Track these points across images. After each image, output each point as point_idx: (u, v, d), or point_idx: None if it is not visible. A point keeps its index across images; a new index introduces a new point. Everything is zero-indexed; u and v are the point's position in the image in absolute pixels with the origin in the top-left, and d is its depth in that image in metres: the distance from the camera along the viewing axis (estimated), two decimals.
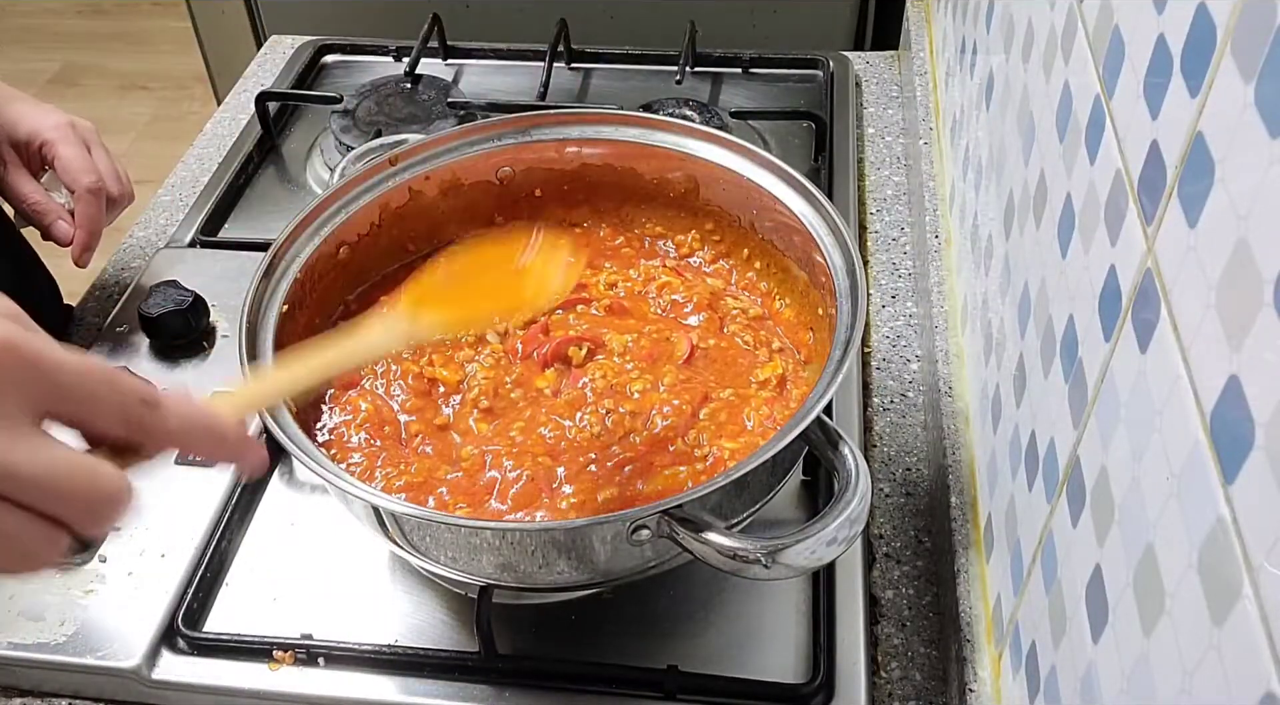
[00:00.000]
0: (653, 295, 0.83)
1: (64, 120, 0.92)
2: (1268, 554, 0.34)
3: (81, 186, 0.90)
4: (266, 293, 0.74)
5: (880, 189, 1.11)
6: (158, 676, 0.72)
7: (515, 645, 0.73)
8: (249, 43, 1.57)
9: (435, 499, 0.70)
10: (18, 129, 0.92)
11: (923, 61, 1.16)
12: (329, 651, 0.72)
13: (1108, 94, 0.54)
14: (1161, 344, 0.44)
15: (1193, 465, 0.40)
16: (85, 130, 0.94)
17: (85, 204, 0.90)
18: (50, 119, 0.92)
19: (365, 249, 0.83)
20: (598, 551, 0.64)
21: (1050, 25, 0.66)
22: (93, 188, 0.90)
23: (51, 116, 0.92)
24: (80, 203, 0.90)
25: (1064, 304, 0.58)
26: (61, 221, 0.91)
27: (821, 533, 0.59)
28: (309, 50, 1.30)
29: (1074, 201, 0.58)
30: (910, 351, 0.95)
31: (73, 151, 0.91)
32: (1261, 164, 0.36)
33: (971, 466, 0.78)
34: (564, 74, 1.26)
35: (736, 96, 1.22)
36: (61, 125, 0.92)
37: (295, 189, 1.12)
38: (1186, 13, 0.44)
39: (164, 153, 1.32)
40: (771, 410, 0.74)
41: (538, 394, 0.76)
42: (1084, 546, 0.52)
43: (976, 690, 0.66)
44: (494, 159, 0.86)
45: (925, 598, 0.77)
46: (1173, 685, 0.40)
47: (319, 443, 0.73)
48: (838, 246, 0.74)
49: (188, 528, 0.78)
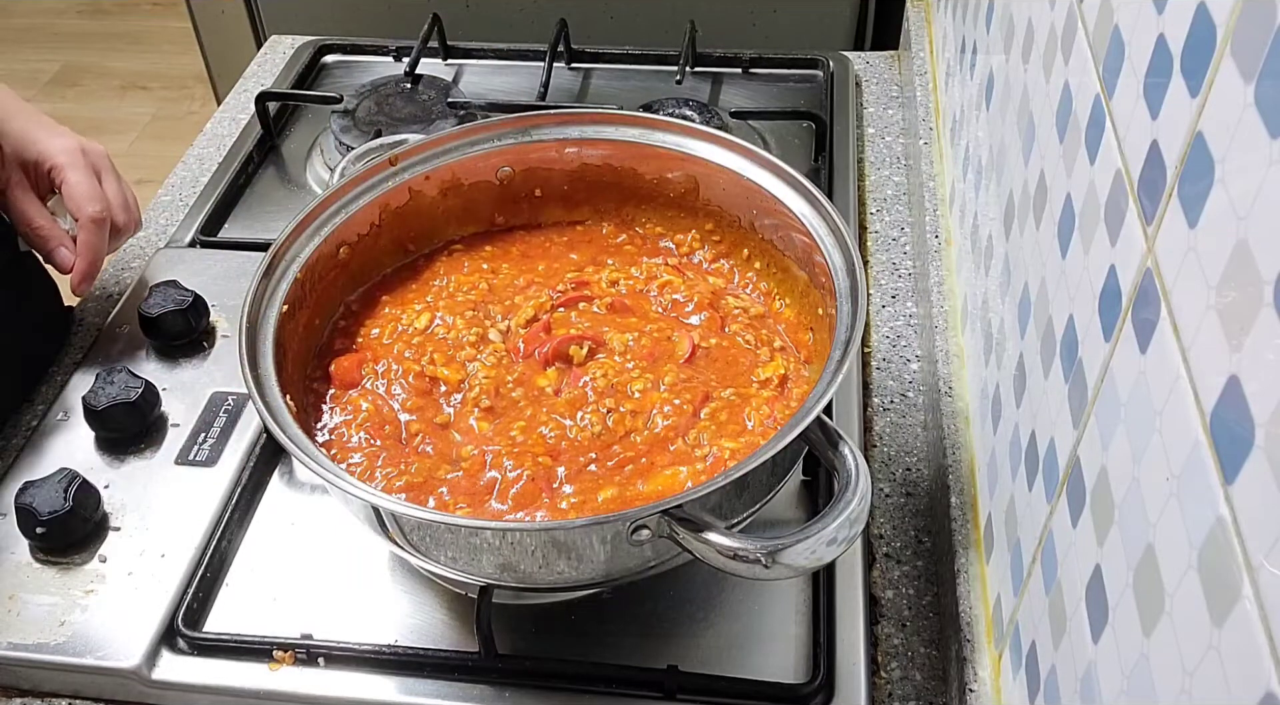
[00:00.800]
0: (654, 294, 0.83)
1: (75, 144, 0.90)
2: (1268, 554, 0.34)
3: (85, 215, 0.88)
4: (266, 293, 0.74)
5: (880, 189, 1.11)
6: (158, 676, 0.72)
7: (515, 645, 0.73)
8: (249, 43, 1.57)
9: (435, 499, 0.70)
10: (27, 150, 0.89)
11: (923, 61, 1.16)
12: (329, 651, 0.72)
13: (1108, 94, 0.54)
14: (1161, 344, 0.44)
15: (1193, 465, 0.40)
16: (96, 156, 0.91)
17: (88, 233, 0.88)
18: (60, 142, 0.90)
19: (365, 249, 0.83)
20: (598, 551, 0.64)
21: (1050, 25, 0.66)
22: (96, 217, 0.88)
23: (62, 140, 0.90)
24: (83, 231, 0.88)
25: (1064, 304, 0.58)
26: (63, 249, 0.89)
27: (821, 533, 0.59)
28: (309, 50, 1.30)
29: (1074, 201, 0.58)
30: (910, 351, 0.95)
31: (79, 177, 0.89)
32: (1261, 164, 0.36)
33: (971, 466, 0.78)
34: (564, 74, 1.26)
35: (736, 96, 1.22)
36: (71, 149, 0.90)
37: (295, 189, 1.12)
38: (1186, 13, 0.44)
39: (164, 153, 1.33)
40: (773, 410, 0.74)
41: (539, 393, 0.76)
42: (1084, 546, 0.52)
43: (976, 690, 0.66)
44: (494, 159, 0.86)
45: (925, 598, 0.77)
46: (1173, 685, 0.40)
47: (319, 443, 0.73)
48: (838, 246, 0.74)
49: (188, 528, 0.78)
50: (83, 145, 0.90)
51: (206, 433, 0.85)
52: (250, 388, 0.67)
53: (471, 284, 0.84)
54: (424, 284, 0.85)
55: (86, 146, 0.91)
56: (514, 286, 0.84)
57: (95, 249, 0.89)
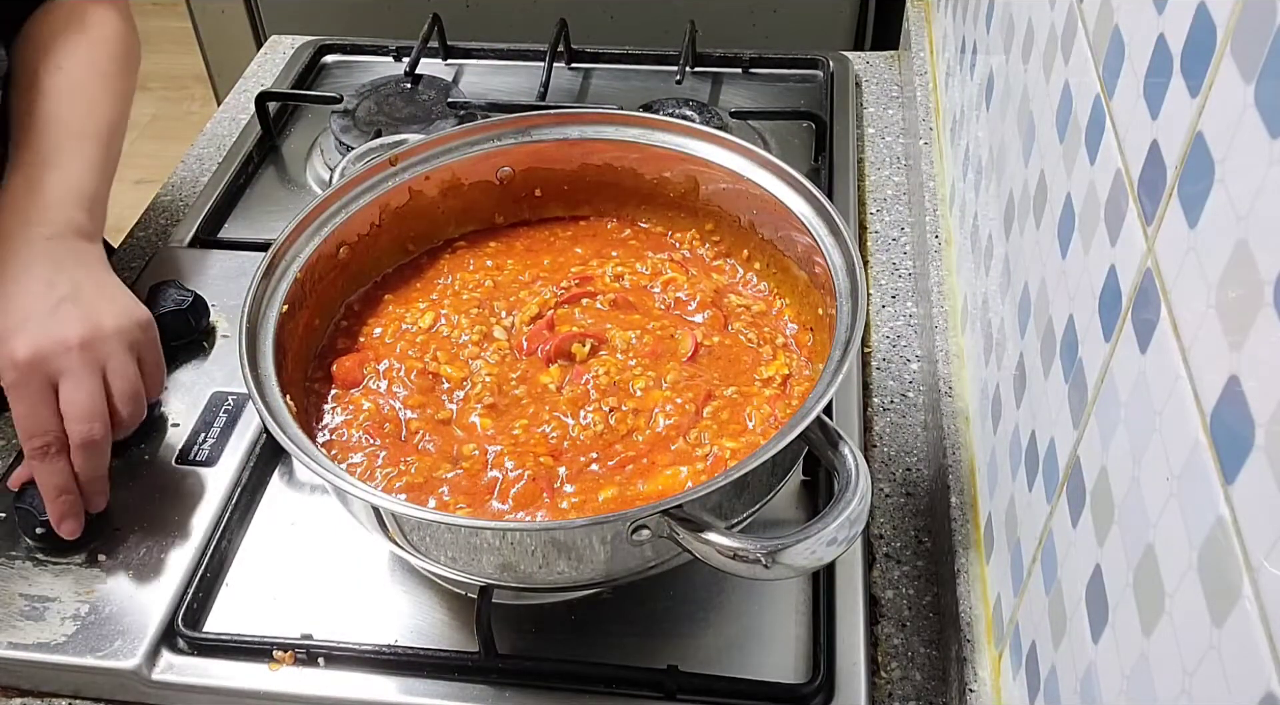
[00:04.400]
0: (657, 291, 0.83)
1: (23, 355, 0.73)
2: (1268, 554, 0.34)
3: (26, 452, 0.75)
4: (266, 293, 0.74)
5: (880, 189, 1.11)
6: (158, 676, 0.72)
7: (515, 645, 0.73)
8: (249, 43, 1.57)
9: (435, 499, 0.70)
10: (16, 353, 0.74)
11: (923, 61, 1.16)
12: (329, 651, 0.71)
13: (1108, 94, 0.54)
14: (1161, 344, 0.44)
15: (1193, 465, 0.40)
16: (103, 344, 0.76)
17: (35, 471, 0.74)
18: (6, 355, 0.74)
19: (365, 249, 0.83)
20: (598, 551, 0.64)
21: (1050, 25, 0.66)
22: (32, 453, 0.74)
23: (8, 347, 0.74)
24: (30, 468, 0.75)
25: (1064, 304, 0.58)
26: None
27: (821, 533, 0.59)
28: (309, 50, 1.30)
29: (1074, 201, 0.58)
30: (910, 351, 0.95)
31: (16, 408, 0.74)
32: (1261, 164, 0.36)
33: (971, 466, 0.78)
34: (564, 74, 1.26)
35: (736, 96, 1.22)
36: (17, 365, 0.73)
37: (295, 189, 1.12)
38: (1186, 13, 0.44)
39: (164, 153, 1.33)
40: (774, 409, 0.74)
41: (542, 390, 0.76)
42: (1084, 546, 0.52)
43: (976, 690, 0.66)
44: (494, 159, 0.86)
45: (925, 598, 0.77)
46: (1173, 686, 0.40)
47: (319, 443, 0.73)
48: (838, 246, 0.74)
49: (188, 528, 0.78)
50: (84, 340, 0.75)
51: (206, 433, 0.85)
52: (250, 388, 0.67)
53: (476, 282, 0.84)
54: (428, 283, 0.85)
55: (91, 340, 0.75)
56: (519, 282, 0.84)
57: (54, 487, 0.74)
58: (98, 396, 0.75)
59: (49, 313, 0.76)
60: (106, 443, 0.75)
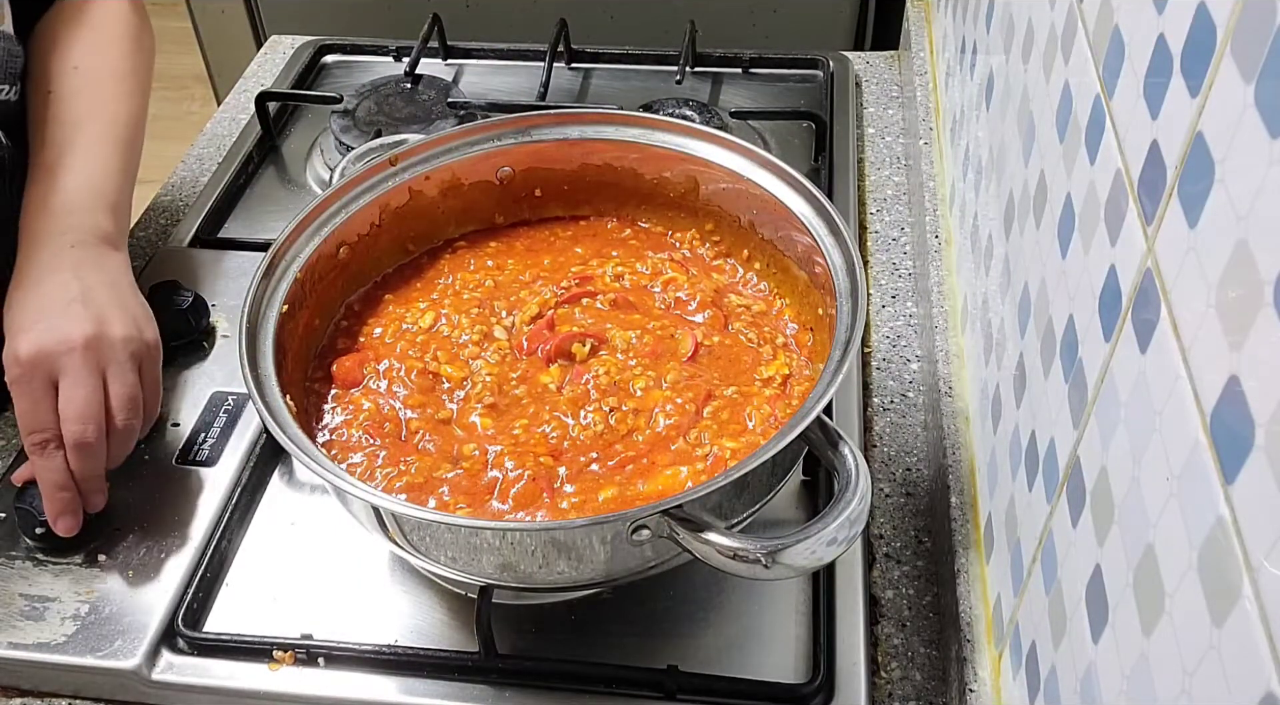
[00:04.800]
0: (658, 291, 0.83)
1: (26, 352, 0.74)
2: (1268, 554, 0.34)
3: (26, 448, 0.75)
4: (266, 293, 0.74)
5: (880, 189, 1.11)
6: (158, 676, 0.72)
7: (515, 645, 0.73)
8: (249, 43, 1.57)
9: (435, 499, 0.70)
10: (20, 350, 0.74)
11: (923, 61, 1.16)
12: (329, 651, 0.71)
13: (1108, 94, 0.54)
14: (1161, 344, 0.44)
15: (1193, 465, 0.40)
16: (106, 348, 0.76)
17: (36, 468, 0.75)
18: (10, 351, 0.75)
19: (365, 249, 0.83)
20: (598, 551, 0.64)
21: (1050, 25, 0.66)
22: (32, 448, 0.74)
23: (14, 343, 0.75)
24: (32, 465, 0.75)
25: (1064, 304, 0.58)
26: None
27: (821, 533, 0.59)
28: (309, 50, 1.30)
29: (1074, 201, 0.58)
30: (910, 351, 0.95)
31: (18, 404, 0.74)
32: (1261, 164, 0.36)
33: (971, 466, 0.78)
34: (564, 74, 1.26)
35: (736, 96, 1.22)
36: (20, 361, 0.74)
37: (295, 189, 1.12)
38: (1186, 13, 0.44)
39: (164, 153, 1.32)
40: (774, 409, 0.74)
41: (542, 390, 0.76)
42: (1084, 546, 0.52)
43: (976, 690, 0.66)
44: (494, 159, 0.86)
45: (925, 598, 0.77)
46: (1173, 686, 0.40)
47: (319, 443, 0.73)
48: (838, 246, 0.74)
49: (188, 528, 0.78)
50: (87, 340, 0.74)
51: (206, 433, 0.85)
52: (250, 388, 0.67)
53: (476, 282, 0.84)
54: (429, 283, 0.85)
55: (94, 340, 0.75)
56: (519, 282, 0.84)
57: (51, 483, 0.74)
58: (94, 398, 0.74)
59: (58, 312, 0.76)
60: (100, 445, 0.75)
